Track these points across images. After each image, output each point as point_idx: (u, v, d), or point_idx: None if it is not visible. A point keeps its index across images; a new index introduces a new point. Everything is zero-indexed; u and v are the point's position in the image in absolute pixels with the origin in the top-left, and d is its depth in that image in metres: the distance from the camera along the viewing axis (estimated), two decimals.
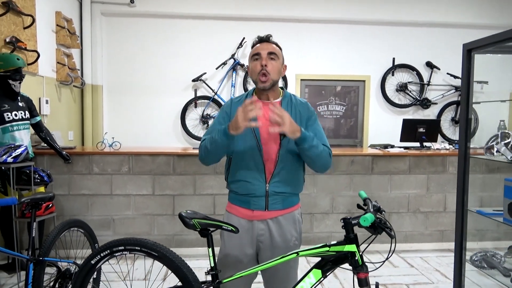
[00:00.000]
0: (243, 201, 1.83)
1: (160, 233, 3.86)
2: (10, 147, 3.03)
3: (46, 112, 4.41)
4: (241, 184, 1.81)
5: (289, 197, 1.84)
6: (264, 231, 1.81)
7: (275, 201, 1.79)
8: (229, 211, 1.89)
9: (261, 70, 1.76)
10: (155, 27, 5.82)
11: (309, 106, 1.89)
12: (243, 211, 1.83)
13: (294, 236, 1.84)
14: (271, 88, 1.80)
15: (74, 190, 3.78)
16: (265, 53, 1.77)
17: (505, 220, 1.95)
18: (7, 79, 3.16)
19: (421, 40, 6.16)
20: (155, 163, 3.83)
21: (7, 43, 3.65)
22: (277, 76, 1.80)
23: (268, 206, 1.79)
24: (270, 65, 1.76)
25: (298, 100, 1.88)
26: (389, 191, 4.05)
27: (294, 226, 1.85)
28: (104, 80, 5.82)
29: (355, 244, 1.48)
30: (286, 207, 1.83)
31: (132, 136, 5.57)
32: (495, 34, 2.00)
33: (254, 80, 1.81)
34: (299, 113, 1.82)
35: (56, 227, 2.35)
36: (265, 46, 1.80)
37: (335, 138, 6.32)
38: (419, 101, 6.19)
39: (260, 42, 1.83)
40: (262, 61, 1.76)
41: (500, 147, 1.96)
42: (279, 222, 1.81)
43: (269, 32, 1.91)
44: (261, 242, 1.82)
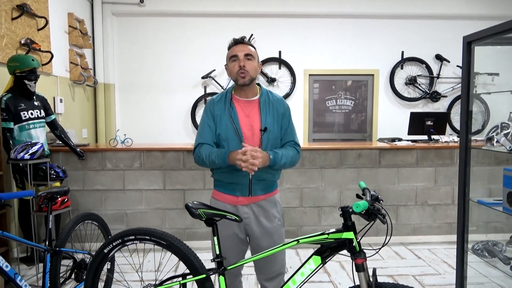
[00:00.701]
0: (228, 189, 2.00)
1: (171, 227, 3.97)
2: (27, 145, 3.16)
3: (60, 110, 4.56)
4: (227, 174, 1.99)
5: (269, 184, 2.02)
6: (248, 214, 1.98)
7: (257, 187, 1.97)
8: (215, 197, 2.07)
9: (239, 70, 1.92)
10: (164, 25, 5.92)
11: (284, 102, 2.07)
12: (228, 197, 2.00)
13: (277, 217, 2.02)
14: (250, 84, 1.96)
15: (88, 186, 3.91)
16: (242, 55, 1.93)
17: (505, 209, 1.98)
18: (23, 80, 3.29)
19: (430, 32, 6.13)
20: (166, 158, 3.93)
21: (22, 45, 3.78)
22: (254, 73, 1.97)
23: (251, 192, 1.96)
24: (247, 65, 1.93)
25: (274, 97, 2.04)
26: (396, 184, 4.07)
27: (276, 208, 2.04)
28: (116, 78, 5.95)
29: (353, 231, 1.54)
30: (267, 192, 2.02)
31: (144, 133, 5.70)
32: (495, 26, 2.02)
33: (234, 79, 1.97)
34: (276, 109, 2.00)
35: (71, 220, 2.47)
36: (241, 48, 1.95)
37: (344, 132, 6.35)
38: (428, 94, 6.17)
39: (236, 44, 1.97)
40: (240, 63, 1.92)
41: (499, 137, 1.99)
42: (261, 205, 2.00)
43: (276, 28, 2.05)
44: (247, 225, 1.98)
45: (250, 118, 1.96)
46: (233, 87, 2.04)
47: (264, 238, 1.97)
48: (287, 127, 2.02)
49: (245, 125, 1.94)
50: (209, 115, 1.99)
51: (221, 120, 1.94)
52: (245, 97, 1.99)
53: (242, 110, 1.97)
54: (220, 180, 2.03)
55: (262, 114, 1.95)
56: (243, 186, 1.95)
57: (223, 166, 1.91)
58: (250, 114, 1.97)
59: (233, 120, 1.92)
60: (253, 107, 1.98)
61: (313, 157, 3.96)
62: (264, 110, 1.96)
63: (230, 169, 1.94)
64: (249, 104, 1.99)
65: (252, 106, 1.98)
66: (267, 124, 1.94)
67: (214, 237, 1.75)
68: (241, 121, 1.94)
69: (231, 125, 1.92)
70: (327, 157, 3.99)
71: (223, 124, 1.93)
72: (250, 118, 1.96)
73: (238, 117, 1.94)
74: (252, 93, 2.00)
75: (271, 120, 1.96)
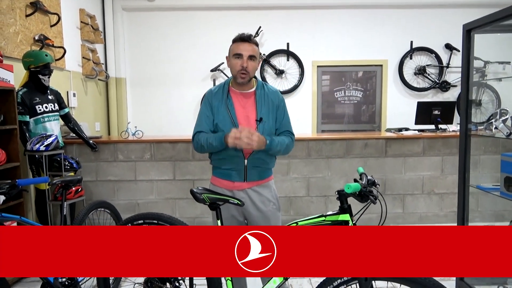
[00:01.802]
0: (225, 174, 2.11)
1: (181, 216, 4.08)
2: (42, 137, 3.29)
3: (73, 104, 4.70)
4: (224, 161, 2.09)
5: (264, 170, 2.13)
6: (245, 199, 2.08)
7: (252, 173, 2.08)
8: (213, 183, 2.18)
9: (241, 70, 2.00)
10: (173, 20, 6.01)
11: (279, 94, 2.16)
12: (225, 182, 2.11)
13: (272, 201, 2.13)
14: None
15: (101, 177, 4.05)
16: (246, 55, 2.01)
17: (502, 193, 2.02)
18: (37, 74, 3.42)
19: (439, 22, 6.07)
20: (175, 150, 4.04)
21: (36, 41, 3.91)
22: (253, 73, 2.07)
23: (246, 178, 2.07)
24: (250, 66, 2.02)
25: (269, 89, 2.14)
26: (403, 173, 4.11)
27: (271, 193, 2.14)
28: (127, 73, 6.08)
29: (349, 213, 1.61)
30: (262, 178, 2.12)
31: (155, 126, 5.83)
32: (494, 13, 2.04)
33: (234, 75, 2.06)
34: (271, 101, 2.10)
35: (85, 207, 2.59)
36: (246, 47, 2.02)
37: (353, 123, 6.36)
38: (438, 84, 6.13)
39: (242, 41, 2.04)
40: (244, 63, 2.00)
41: (498, 124, 2.02)
42: (256, 190, 2.10)
43: (284, 20, 2.13)
44: (245, 209, 2.10)
45: (246, 109, 2.07)
46: (231, 79, 2.14)
47: (261, 221, 2.08)
48: (282, 118, 2.13)
49: (241, 116, 2.05)
50: (207, 106, 2.10)
51: (218, 111, 2.06)
52: (242, 89, 2.10)
53: (239, 101, 2.08)
54: (217, 167, 2.14)
55: (258, 106, 2.06)
56: (239, 172, 2.07)
57: (220, 148, 2.00)
58: (246, 105, 2.08)
59: (230, 110, 2.04)
60: (249, 99, 2.09)
61: (319, 147, 4.02)
62: (260, 102, 2.07)
63: (227, 156, 2.05)
64: (245, 96, 2.10)
65: (248, 97, 2.10)
66: (262, 115, 2.05)
67: (218, 220, 1.84)
68: (238, 112, 2.05)
69: (227, 115, 2.03)
70: (333, 147, 4.05)
71: (220, 115, 2.04)
72: (246, 109, 2.07)
73: (235, 108, 2.06)
74: (249, 86, 2.11)
75: (266, 111, 2.07)
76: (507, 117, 1.99)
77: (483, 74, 5.94)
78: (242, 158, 2.05)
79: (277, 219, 2.14)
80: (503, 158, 2.00)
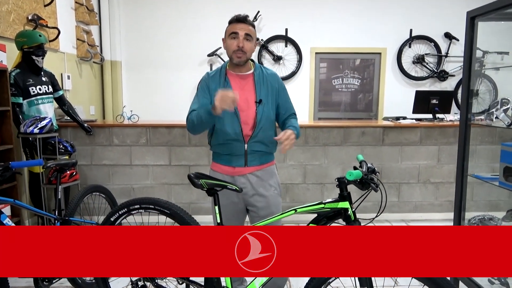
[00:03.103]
0: (225, 160, 2.08)
1: (177, 201, 4.06)
2: (36, 119, 3.23)
3: (68, 87, 4.62)
4: (224, 146, 2.06)
5: (265, 155, 2.10)
6: (245, 184, 2.06)
7: (253, 158, 2.05)
8: (213, 169, 2.14)
9: (237, 50, 1.96)
10: (170, 2, 5.89)
11: (278, 77, 2.13)
12: (225, 168, 2.08)
13: (273, 186, 2.10)
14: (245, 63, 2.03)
15: (96, 161, 4.01)
16: (242, 34, 1.97)
17: (501, 183, 2.02)
18: (31, 55, 3.34)
19: (439, 10, 6.01)
20: (171, 134, 4.00)
21: (30, 21, 3.82)
22: (250, 54, 2.03)
23: (247, 163, 2.05)
24: (246, 45, 1.98)
25: (267, 71, 2.11)
26: (399, 162, 4.11)
27: (272, 179, 2.12)
28: (123, 56, 5.98)
29: (348, 201, 1.59)
30: (263, 163, 2.10)
31: (151, 110, 5.76)
32: (499, 0, 2.01)
33: (230, 56, 2.02)
34: (270, 83, 2.07)
35: (79, 191, 2.56)
36: (242, 26, 1.98)
37: (350, 111, 6.34)
38: (436, 73, 6.10)
39: (237, 22, 2.00)
40: (240, 43, 1.96)
41: (499, 113, 2.00)
42: (257, 176, 2.07)
43: (283, 6, 2.09)
44: (245, 194, 2.07)
45: (245, 91, 2.03)
46: (227, 62, 2.10)
47: (261, 207, 2.05)
48: (286, 101, 2.11)
49: (240, 98, 1.98)
50: (204, 88, 2.06)
51: (216, 94, 1.95)
52: (239, 71, 2.06)
53: (237, 83, 2.04)
54: (217, 152, 2.11)
55: (256, 87, 2.03)
56: (239, 157, 2.04)
57: (210, 120, 1.89)
58: (245, 87, 2.04)
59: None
60: (248, 81, 2.06)
61: (316, 134, 4.00)
62: (258, 84, 2.04)
63: (226, 140, 2.02)
64: (243, 78, 2.06)
65: (247, 80, 2.06)
66: (261, 97, 2.02)
67: (215, 206, 1.81)
68: None
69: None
70: (330, 134, 4.02)
71: None
72: (244, 92, 2.02)
73: (233, 90, 1.98)
74: (246, 68, 2.07)
75: (265, 93, 2.04)
76: (509, 107, 1.97)
77: (481, 64, 5.92)
78: (242, 143, 2.02)
79: (278, 205, 2.12)
80: (503, 147, 1.99)
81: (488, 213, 2.69)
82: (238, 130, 2.00)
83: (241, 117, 2.01)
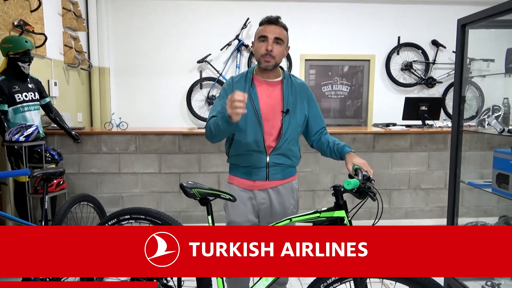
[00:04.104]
0: (244, 173, 1.95)
1: (167, 210, 4.00)
2: (22, 127, 3.15)
3: (55, 94, 4.53)
4: (243, 157, 1.92)
5: (288, 168, 1.97)
6: (265, 200, 1.94)
7: (275, 171, 1.92)
8: (231, 182, 2.00)
9: (265, 54, 1.82)
10: (160, 8, 5.85)
11: (307, 87, 2.01)
12: (245, 181, 1.95)
13: (292, 204, 1.99)
14: (273, 69, 1.89)
15: (84, 169, 3.92)
16: (272, 37, 1.82)
17: (494, 190, 2.02)
18: (17, 61, 3.26)
19: (426, 18, 6.10)
20: (161, 142, 3.94)
21: (16, 26, 3.74)
22: (280, 59, 1.88)
23: (268, 176, 1.92)
24: (275, 50, 1.83)
25: (296, 80, 1.98)
26: (390, 168, 4.12)
27: (292, 195, 1.99)
28: (111, 62, 5.90)
29: (344, 210, 1.57)
30: (285, 177, 1.97)
31: (140, 117, 5.68)
32: (489, 8, 2.03)
33: (258, 59, 1.88)
34: (299, 93, 1.94)
35: (67, 201, 2.50)
36: (273, 29, 1.84)
37: (340, 118, 6.36)
38: (424, 80, 6.17)
39: (268, 23, 1.86)
40: (268, 46, 1.82)
41: (491, 120, 2.01)
42: (278, 191, 1.95)
43: (273, 12, 1.98)
44: (261, 210, 1.96)
45: (272, 99, 1.90)
46: (255, 67, 1.96)
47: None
48: (317, 114, 1.99)
49: (266, 106, 1.88)
50: (228, 92, 1.85)
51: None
52: (268, 77, 1.93)
53: (264, 90, 1.90)
54: (236, 164, 1.98)
55: (284, 96, 1.90)
56: (260, 170, 1.91)
57: (227, 128, 1.73)
58: (272, 95, 1.91)
59: (253, 100, 1.87)
60: (275, 89, 1.92)
61: None
62: (286, 92, 1.90)
63: (246, 151, 1.89)
64: (271, 85, 1.92)
65: (275, 87, 1.92)
66: (289, 106, 1.89)
67: (209, 216, 1.77)
68: (261, 102, 1.88)
69: (250, 105, 1.84)
70: None
71: None
72: (271, 99, 1.90)
73: (259, 97, 1.88)
74: (275, 74, 1.94)
75: (293, 103, 1.91)
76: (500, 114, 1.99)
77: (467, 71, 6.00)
78: (264, 154, 1.89)
79: None
80: (496, 154, 2.00)
81: (480, 219, 2.71)
82: (261, 140, 1.87)
83: (265, 127, 1.87)
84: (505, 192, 1.91)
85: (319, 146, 2.01)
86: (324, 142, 1.97)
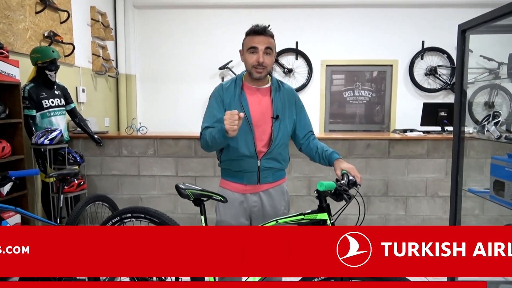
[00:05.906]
0: (236, 177, 2.00)
1: (183, 212, 4.13)
2: (47, 131, 3.38)
3: (82, 100, 4.80)
4: (235, 162, 1.97)
5: (278, 171, 2.03)
6: (257, 203, 2.00)
7: (266, 175, 1.98)
8: (223, 186, 2.07)
9: (257, 65, 1.87)
10: (183, 17, 6.06)
11: (295, 93, 2.06)
12: (236, 185, 2.01)
13: (283, 205, 2.05)
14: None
15: (106, 171, 4.13)
16: (262, 48, 1.86)
17: (492, 197, 1.98)
18: (44, 70, 3.51)
19: (451, 21, 5.88)
20: (178, 146, 4.09)
21: (45, 37, 4.01)
22: (271, 67, 1.94)
23: (260, 180, 1.97)
24: (266, 60, 1.88)
25: (284, 86, 2.04)
26: (406, 175, 4.05)
27: (283, 197, 2.06)
28: (137, 69, 6.17)
29: (327, 212, 1.62)
30: (276, 180, 2.02)
31: (164, 122, 5.90)
32: (488, 13, 2.01)
33: (249, 70, 1.92)
34: (287, 99, 1.99)
35: (82, 200, 2.66)
36: (262, 40, 1.87)
37: (361, 124, 6.31)
38: (449, 85, 6.01)
39: (256, 34, 1.88)
40: (259, 59, 1.85)
41: (490, 126, 1.98)
42: (270, 194, 2.01)
43: (293, 19, 2.03)
44: (253, 213, 2.02)
45: (262, 105, 1.94)
46: (243, 74, 2.00)
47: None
48: (304, 118, 2.03)
49: (256, 113, 1.92)
50: (218, 100, 1.95)
51: (230, 107, 1.88)
52: (257, 84, 1.97)
53: (254, 97, 1.94)
54: (227, 169, 2.02)
55: (274, 102, 1.94)
56: (252, 174, 1.95)
57: (223, 141, 1.81)
58: (262, 101, 1.95)
59: (243, 107, 1.90)
60: (265, 95, 1.96)
61: None
62: (275, 99, 1.95)
63: (238, 157, 1.93)
64: (260, 92, 1.97)
65: (264, 93, 1.97)
66: (278, 112, 1.93)
67: (202, 216, 1.86)
68: (252, 109, 1.92)
69: (241, 111, 1.82)
70: (335, 146, 4.00)
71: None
72: (262, 106, 1.94)
73: (249, 104, 1.92)
74: (264, 81, 1.98)
75: (282, 109, 1.95)
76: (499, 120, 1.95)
77: (497, 75, 5.81)
78: (255, 159, 1.93)
79: None
80: (493, 161, 1.96)
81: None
82: (252, 146, 1.92)
83: (256, 133, 1.92)
84: (501, 199, 1.87)
85: (307, 151, 2.04)
86: (313, 148, 2.01)
